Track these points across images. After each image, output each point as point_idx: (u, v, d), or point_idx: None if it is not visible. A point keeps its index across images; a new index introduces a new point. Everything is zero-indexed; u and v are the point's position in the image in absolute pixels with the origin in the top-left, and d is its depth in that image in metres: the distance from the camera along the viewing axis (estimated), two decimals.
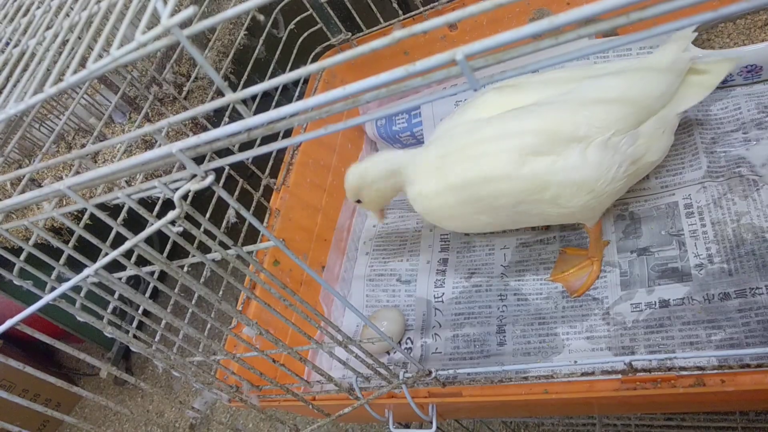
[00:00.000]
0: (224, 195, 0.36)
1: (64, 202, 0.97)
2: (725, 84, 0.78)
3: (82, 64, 0.31)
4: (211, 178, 0.35)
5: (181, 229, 0.37)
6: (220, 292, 0.85)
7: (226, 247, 0.42)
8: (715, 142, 0.75)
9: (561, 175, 0.62)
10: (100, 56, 0.27)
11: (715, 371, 0.46)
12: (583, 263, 0.75)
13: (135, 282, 1.78)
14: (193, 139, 0.33)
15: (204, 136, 0.33)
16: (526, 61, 0.26)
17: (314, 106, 0.30)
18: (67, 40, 0.38)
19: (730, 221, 0.68)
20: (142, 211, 0.39)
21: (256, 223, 0.39)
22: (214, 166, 0.35)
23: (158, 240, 1.73)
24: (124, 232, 0.41)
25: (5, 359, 0.51)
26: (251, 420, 1.74)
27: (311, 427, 0.56)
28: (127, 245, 0.38)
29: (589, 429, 1.27)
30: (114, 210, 1.01)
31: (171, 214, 0.36)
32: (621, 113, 0.61)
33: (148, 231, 0.38)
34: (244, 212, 0.39)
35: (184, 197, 0.36)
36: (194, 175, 0.35)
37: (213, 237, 0.42)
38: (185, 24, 0.29)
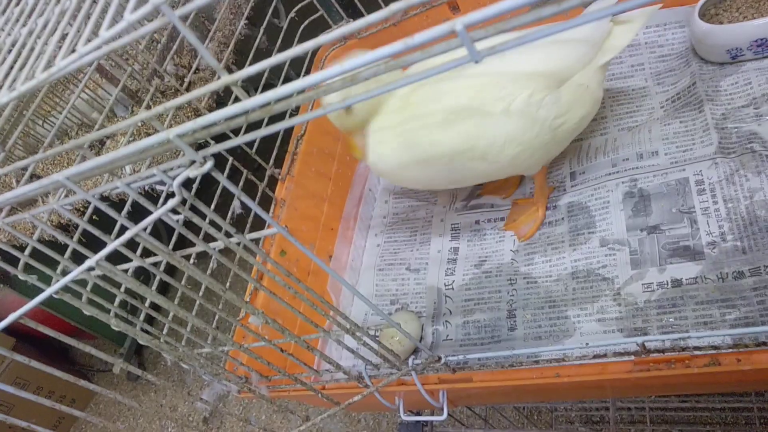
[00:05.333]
0: (224, 181, 0.35)
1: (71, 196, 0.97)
2: (735, 59, 0.76)
3: (73, 49, 0.31)
4: (210, 163, 0.34)
5: (182, 217, 0.37)
6: (228, 283, 0.85)
7: (230, 235, 0.42)
8: (726, 118, 0.73)
9: (488, 132, 0.67)
10: (89, 40, 0.27)
11: (731, 350, 0.45)
12: (530, 210, 0.81)
13: (146, 275, 1.78)
14: (189, 124, 0.32)
15: (201, 120, 0.32)
16: (528, 30, 0.25)
17: (311, 85, 0.29)
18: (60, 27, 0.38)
19: (743, 198, 0.66)
20: (142, 201, 0.38)
21: (257, 209, 0.38)
22: (212, 151, 0.34)
23: (167, 233, 1.73)
24: (125, 222, 0.41)
25: (22, 357, 0.51)
26: (264, 412, 1.75)
27: (321, 416, 0.56)
28: (127, 235, 0.38)
29: (603, 413, 1.26)
30: (121, 203, 1.01)
31: (171, 202, 0.36)
32: (542, 76, 0.67)
33: (148, 220, 0.37)
34: (245, 198, 0.38)
35: (187, 185, 0.35)
36: (193, 162, 0.35)
37: (219, 227, 0.41)
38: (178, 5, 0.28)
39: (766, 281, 0.60)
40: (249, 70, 0.30)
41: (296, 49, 0.30)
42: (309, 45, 0.29)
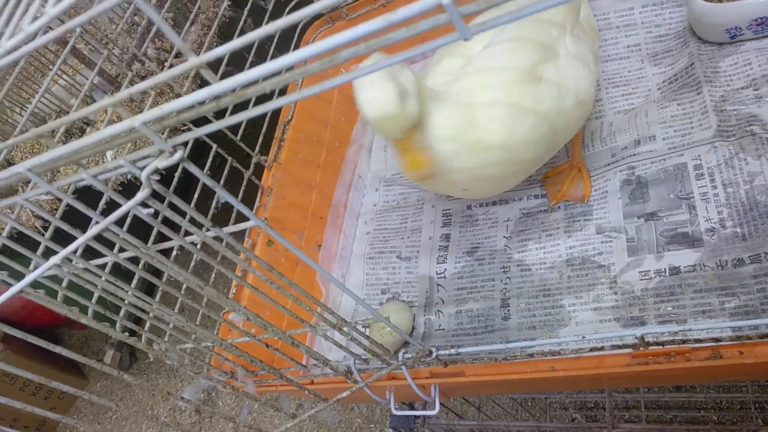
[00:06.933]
0: (196, 171, 0.33)
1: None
2: (734, 39, 0.74)
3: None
4: (180, 153, 0.31)
5: (152, 210, 0.34)
6: (212, 277, 0.82)
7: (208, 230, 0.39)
8: (725, 100, 0.71)
9: (569, 71, 0.65)
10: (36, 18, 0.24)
11: (733, 342, 0.43)
12: (571, 174, 0.77)
13: (131, 270, 1.75)
14: (155, 111, 0.30)
15: (167, 106, 0.29)
16: (523, 3, 0.23)
17: (286, 67, 0.27)
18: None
19: (742, 183, 0.64)
20: (110, 193, 0.36)
21: (235, 202, 0.35)
22: (183, 139, 0.31)
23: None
24: (93, 215, 0.38)
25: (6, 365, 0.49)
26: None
27: (308, 413, 0.54)
28: (95, 230, 0.35)
29: (598, 399, 1.25)
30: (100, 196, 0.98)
31: (140, 195, 0.33)
32: (559, 20, 0.67)
33: (116, 214, 0.35)
34: (223, 192, 0.35)
35: (171, 172, 0.33)
36: (162, 151, 0.32)
37: (201, 220, 0.39)
38: None
39: (767, 268, 0.59)
40: (217, 51, 0.28)
41: (268, 27, 0.27)
42: (280, 23, 0.26)
